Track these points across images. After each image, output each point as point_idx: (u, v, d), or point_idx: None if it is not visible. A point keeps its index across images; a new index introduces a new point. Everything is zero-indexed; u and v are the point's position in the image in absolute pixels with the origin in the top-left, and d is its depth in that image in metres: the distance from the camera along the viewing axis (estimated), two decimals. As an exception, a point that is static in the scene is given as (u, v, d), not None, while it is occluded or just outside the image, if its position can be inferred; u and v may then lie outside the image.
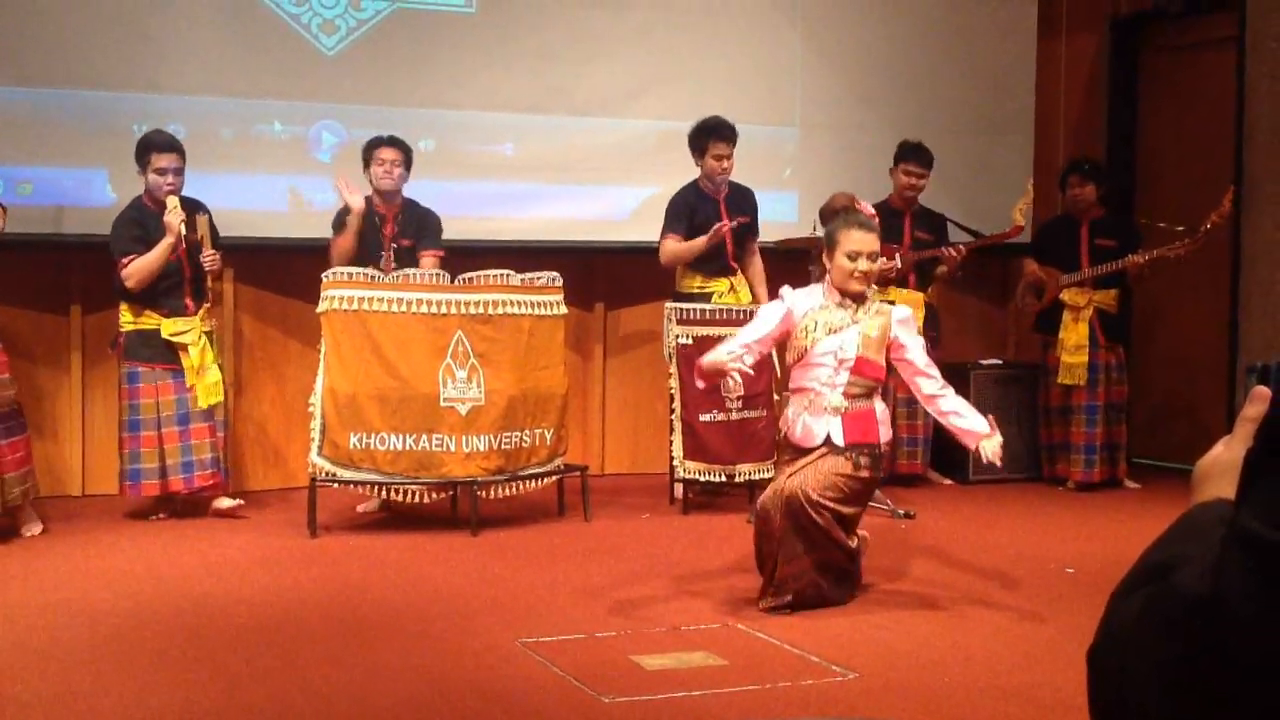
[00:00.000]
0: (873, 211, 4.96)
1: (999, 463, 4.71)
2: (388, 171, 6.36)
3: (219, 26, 6.76)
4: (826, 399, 4.68)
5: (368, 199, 6.40)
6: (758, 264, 6.91)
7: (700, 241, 6.65)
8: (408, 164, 6.43)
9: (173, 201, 6.02)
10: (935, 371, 4.81)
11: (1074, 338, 7.24)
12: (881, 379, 4.78)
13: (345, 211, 6.32)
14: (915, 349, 4.78)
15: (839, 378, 4.69)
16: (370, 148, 6.43)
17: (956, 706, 3.67)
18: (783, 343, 4.86)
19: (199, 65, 6.72)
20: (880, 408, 4.78)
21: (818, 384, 4.70)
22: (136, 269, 6.00)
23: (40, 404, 6.64)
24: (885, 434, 4.77)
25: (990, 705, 3.68)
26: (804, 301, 4.78)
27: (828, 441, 4.66)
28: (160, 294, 6.09)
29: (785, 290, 4.87)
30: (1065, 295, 7.28)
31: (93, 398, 6.77)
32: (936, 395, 4.76)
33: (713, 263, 6.76)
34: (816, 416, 4.69)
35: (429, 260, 6.38)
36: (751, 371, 4.68)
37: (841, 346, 4.69)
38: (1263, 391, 1.07)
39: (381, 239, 6.41)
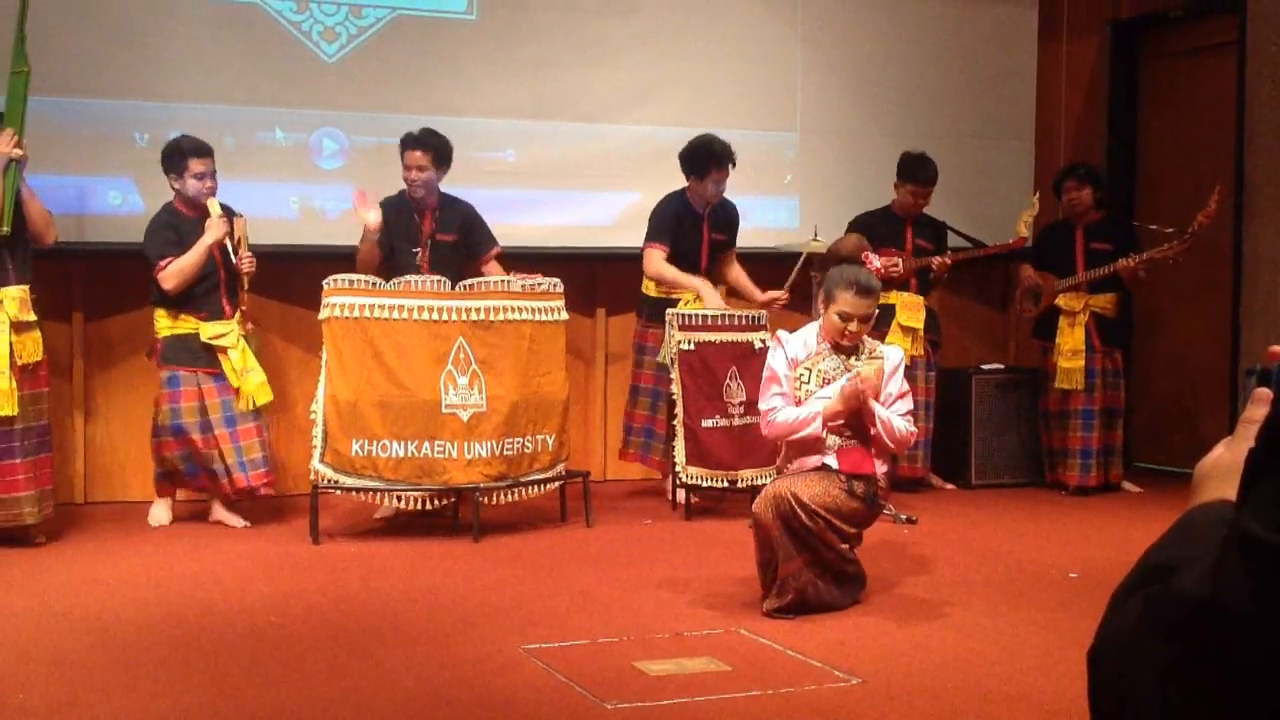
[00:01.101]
0: (879, 266, 4.88)
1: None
2: (414, 178, 6.39)
3: (220, 34, 6.77)
4: (820, 443, 4.70)
5: (402, 192, 6.42)
6: (737, 269, 6.98)
7: (691, 283, 6.66)
8: (439, 161, 6.41)
9: (214, 205, 6.07)
10: (902, 413, 4.74)
11: (1069, 342, 7.24)
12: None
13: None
14: (895, 398, 4.73)
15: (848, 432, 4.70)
16: (401, 148, 6.44)
17: (959, 711, 3.67)
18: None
19: (200, 73, 6.73)
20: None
21: None
22: (175, 271, 6.04)
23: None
24: (882, 468, 4.75)
25: (993, 709, 3.68)
26: (799, 347, 4.79)
27: (823, 467, 4.69)
28: (197, 297, 6.12)
29: (782, 334, 4.89)
30: (1061, 300, 7.28)
31: (95, 405, 6.77)
32: None
33: (686, 271, 6.79)
34: (810, 456, 4.70)
35: (495, 266, 6.54)
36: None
37: (834, 397, 4.68)
38: (1264, 393, 1.07)
39: (419, 235, 6.43)
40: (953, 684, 3.89)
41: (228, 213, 6.18)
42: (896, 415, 4.68)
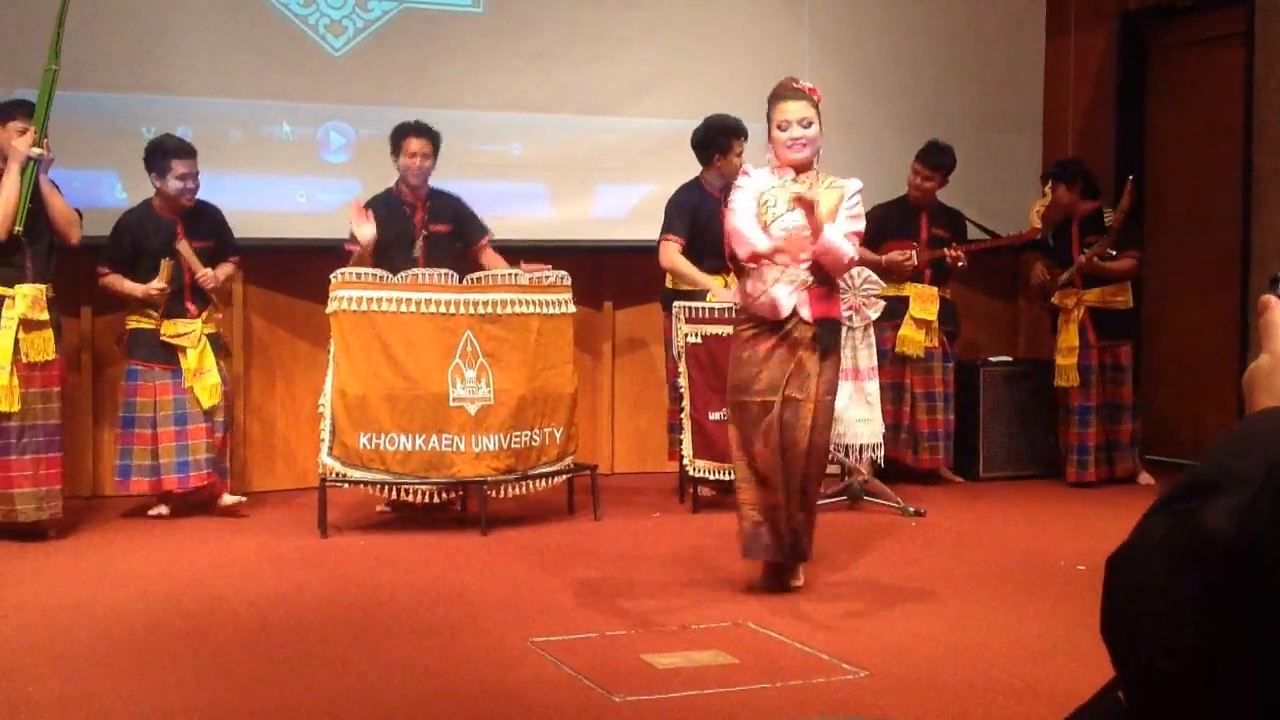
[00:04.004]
0: (812, 87, 4.89)
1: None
2: (419, 166, 6.33)
3: (227, 29, 6.77)
4: (794, 273, 4.67)
5: (394, 188, 6.41)
6: None
7: (708, 283, 6.55)
8: (436, 152, 6.39)
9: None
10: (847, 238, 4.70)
11: (1064, 339, 7.24)
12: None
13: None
14: (844, 220, 4.68)
15: (802, 254, 4.67)
16: (399, 136, 6.36)
17: (967, 704, 3.66)
18: None
19: (207, 67, 6.73)
20: (841, 287, 4.88)
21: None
22: (108, 286, 6.18)
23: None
24: (847, 311, 4.98)
25: (1001, 702, 3.68)
26: (762, 180, 4.79)
27: (794, 315, 4.66)
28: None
29: (748, 167, 4.94)
30: (1055, 298, 7.28)
31: (102, 399, 6.78)
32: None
33: (709, 260, 6.74)
34: (785, 287, 4.65)
35: (491, 253, 6.48)
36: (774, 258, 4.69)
37: (800, 223, 4.65)
38: (1268, 299, 1.10)
39: (413, 228, 6.41)
40: (960, 676, 3.89)
41: (201, 212, 6.22)
42: (840, 234, 4.64)
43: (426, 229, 6.41)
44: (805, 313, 4.65)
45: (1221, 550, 0.92)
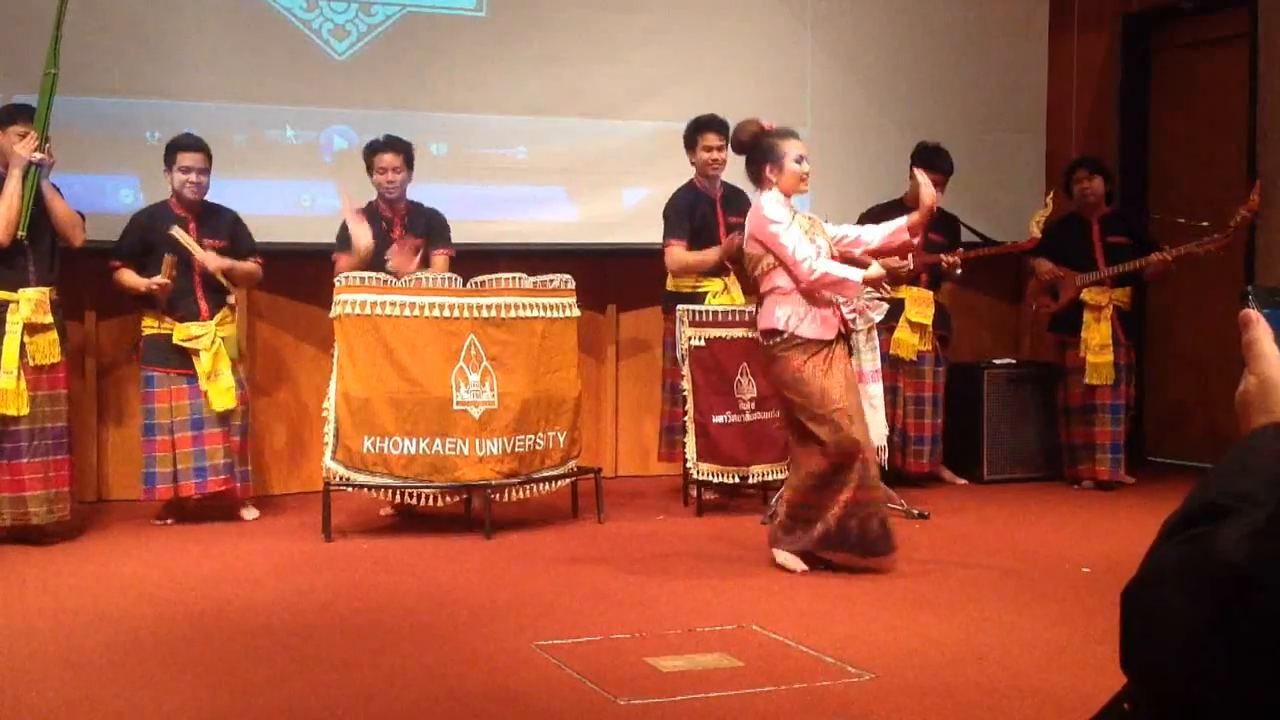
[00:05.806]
0: (772, 124, 5.34)
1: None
2: (390, 180, 6.34)
3: (231, 33, 6.78)
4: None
5: (372, 202, 6.42)
6: None
7: (713, 254, 6.61)
8: (409, 164, 6.39)
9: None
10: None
11: (1098, 337, 7.17)
12: None
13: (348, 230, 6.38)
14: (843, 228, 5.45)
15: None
16: (370, 153, 6.40)
17: (972, 707, 3.66)
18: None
19: (211, 71, 6.74)
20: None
21: None
22: (117, 281, 6.18)
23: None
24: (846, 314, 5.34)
25: (1006, 705, 3.67)
26: (782, 209, 5.25)
27: (839, 331, 5.19)
28: (174, 298, 6.13)
29: (769, 198, 5.25)
30: (1086, 295, 7.22)
31: (108, 403, 6.80)
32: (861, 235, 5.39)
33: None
34: (830, 309, 5.14)
35: (440, 260, 6.40)
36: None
37: (820, 248, 5.17)
38: (1247, 314, 1.09)
39: (390, 242, 6.41)
40: (965, 679, 3.88)
41: (216, 213, 6.24)
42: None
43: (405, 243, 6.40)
44: (876, 315, 5.45)
45: (1236, 577, 0.92)
